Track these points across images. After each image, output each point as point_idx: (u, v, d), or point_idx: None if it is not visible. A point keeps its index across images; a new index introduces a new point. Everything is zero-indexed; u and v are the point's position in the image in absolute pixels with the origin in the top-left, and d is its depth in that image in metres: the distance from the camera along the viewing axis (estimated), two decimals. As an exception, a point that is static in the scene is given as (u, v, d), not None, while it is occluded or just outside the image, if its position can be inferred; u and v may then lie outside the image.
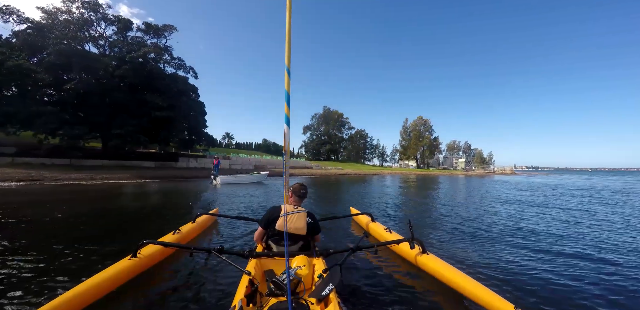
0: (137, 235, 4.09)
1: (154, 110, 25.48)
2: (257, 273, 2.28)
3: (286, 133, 2.23)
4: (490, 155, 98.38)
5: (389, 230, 4.28)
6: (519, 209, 8.77)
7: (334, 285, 1.92)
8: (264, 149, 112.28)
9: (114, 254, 3.54)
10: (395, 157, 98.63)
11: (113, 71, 25.90)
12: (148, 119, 25.45)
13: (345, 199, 11.35)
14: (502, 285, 2.94)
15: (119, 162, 25.57)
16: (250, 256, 2.59)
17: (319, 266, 2.39)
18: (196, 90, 35.37)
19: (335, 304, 1.77)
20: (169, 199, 9.77)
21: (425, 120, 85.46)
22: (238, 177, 18.14)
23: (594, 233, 5.46)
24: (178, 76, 33.71)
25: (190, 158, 30.52)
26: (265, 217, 2.80)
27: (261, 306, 1.87)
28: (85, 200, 9.06)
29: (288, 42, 2.09)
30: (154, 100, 25.73)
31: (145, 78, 28.58)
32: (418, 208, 9.12)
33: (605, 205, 9.86)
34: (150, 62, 30.10)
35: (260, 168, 36.57)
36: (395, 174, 49.25)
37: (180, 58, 34.86)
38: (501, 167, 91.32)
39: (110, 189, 12.62)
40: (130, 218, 6.37)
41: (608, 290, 2.92)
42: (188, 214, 6.38)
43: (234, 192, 12.52)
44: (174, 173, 23.74)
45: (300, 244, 2.81)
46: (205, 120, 33.98)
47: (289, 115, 2.18)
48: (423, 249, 3.11)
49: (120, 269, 2.62)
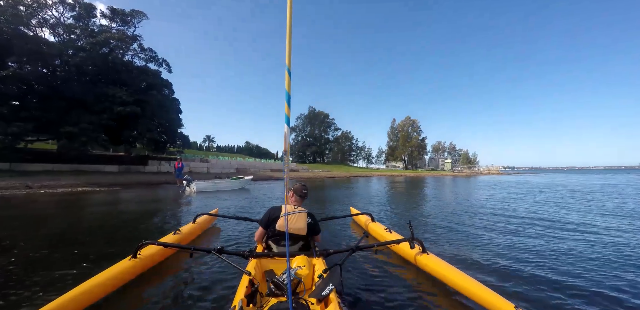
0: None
1: (117, 105, 21.80)
2: (257, 273, 2.27)
3: (286, 133, 2.16)
4: (475, 156, 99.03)
5: (389, 230, 4.26)
6: (519, 208, 8.57)
7: (334, 285, 1.91)
8: (246, 151, 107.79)
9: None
10: (381, 158, 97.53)
11: (69, 60, 22.12)
12: (110, 115, 21.69)
13: (345, 201, 10.43)
14: (503, 285, 2.90)
15: (75, 167, 21.70)
16: (251, 256, 2.57)
17: (319, 266, 2.38)
18: (170, 86, 31.70)
19: (336, 304, 1.76)
20: (110, 219, 6.63)
21: (413, 120, 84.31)
22: (218, 184, 14.94)
23: (597, 233, 5.28)
24: (149, 70, 30.07)
25: (162, 161, 26.70)
26: (266, 217, 2.80)
27: (261, 306, 1.86)
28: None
29: (289, 42, 2.02)
30: (117, 94, 22.06)
31: (108, 69, 24.84)
32: (417, 208, 8.92)
33: (611, 206, 9.01)
34: (116, 52, 26.40)
35: (243, 171, 33.22)
36: (385, 176, 47.18)
37: (152, 49, 31.28)
38: (486, 167, 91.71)
39: (43, 201, 9.29)
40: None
41: (609, 290, 2.84)
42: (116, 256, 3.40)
43: (210, 203, 9.51)
44: (140, 178, 20.19)
45: (300, 244, 2.83)
46: (180, 118, 30.37)
47: (289, 116, 2.11)
48: (423, 248, 3.09)
49: (120, 269, 2.62)
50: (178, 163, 16.80)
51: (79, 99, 21.36)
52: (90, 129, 19.94)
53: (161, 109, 25.94)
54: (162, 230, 5.35)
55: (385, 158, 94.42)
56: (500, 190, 15.77)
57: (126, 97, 22.29)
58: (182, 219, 6.44)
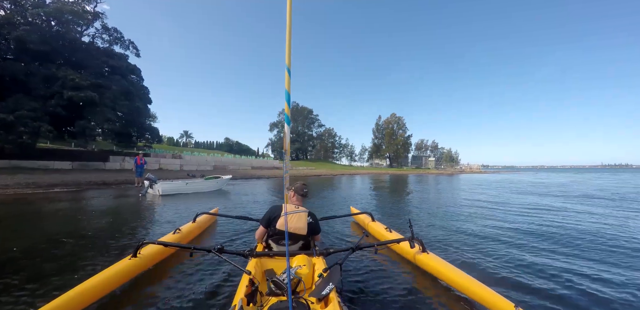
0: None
1: (68, 89, 18.21)
2: (257, 272, 2.26)
3: (286, 133, 2.20)
4: (457, 154, 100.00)
5: (389, 230, 4.22)
6: (518, 208, 8.50)
7: (334, 284, 1.90)
8: (226, 148, 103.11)
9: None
10: (364, 156, 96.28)
11: (7, 33, 18.27)
12: (59, 101, 18.08)
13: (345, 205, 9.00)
14: (503, 284, 2.90)
15: (16, 163, 17.93)
16: (251, 256, 2.54)
17: (319, 265, 2.36)
18: (138, 72, 28.04)
19: (336, 304, 1.75)
20: (21, 241, 3.87)
21: (399, 117, 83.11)
22: (190, 184, 12.09)
23: (598, 232, 5.23)
24: (113, 52, 26.30)
25: (127, 157, 23.13)
26: (267, 216, 2.78)
27: (261, 305, 1.86)
28: None
29: (288, 42, 2.06)
30: (69, 77, 18.45)
31: (61, 48, 21.06)
32: (415, 207, 8.69)
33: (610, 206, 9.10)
34: (72, 29, 22.56)
35: (221, 169, 30.13)
36: (372, 174, 45.30)
37: (118, 30, 27.48)
38: (466, 165, 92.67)
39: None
40: None
41: (609, 289, 2.83)
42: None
43: (174, 213, 6.83)
44: (95, 177, 16.82)
45: (300, 243, 2.80)
46: (148, 108, 26.79)
47: (289, 115, 2.12)
48: (423, 248, 3.08)
49: (120, 269, 2.59)
50: (140, 158, 13.84)
51: (20, 81, 17.65)
52: (31, 118, 16.32)
53: (125, 96, 22.38)
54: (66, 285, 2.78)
55: (369, 156, 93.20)
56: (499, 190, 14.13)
57: (81, 80, 18.73)
58: (124, 251, 3.79)
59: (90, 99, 18.43)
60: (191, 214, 5.65)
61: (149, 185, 10.92)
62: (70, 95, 17.84)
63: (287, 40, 2.00)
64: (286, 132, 2.17)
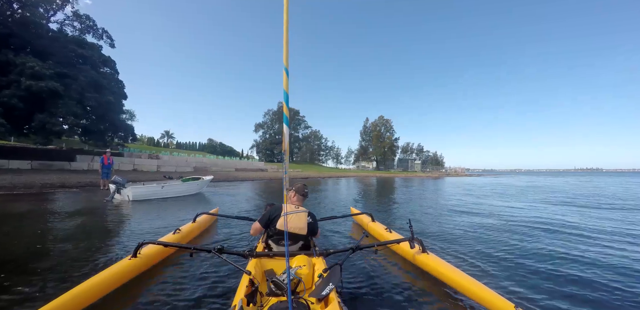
0: None
1: (27, 78, 15.97)
2: (257, 273, 2.23)
3: (285, 133, 2.18)
4: (442, 158, 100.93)
5: (389, 230, 4.19)
6: (518, 207, 8.57)
7: (334, 284, 1.88)
8: (209, 149, 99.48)
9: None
10: (350, 159, 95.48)
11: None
12: (15, 91, 15.81)
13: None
14: (503, 285, 2.85)
15: (-40, 161, 15.57)
16: (251, 256, 2.51)
17: (319, 266, 2.33)
18: (111, 64, 25.73)
19: (336, 304, 1.73)
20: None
21: (387, 120, 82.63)
22: (166, 187, 10.37)
23: (598, 233, 5.23)
24: (84, 41, 23.95)
25: (96, 156, 20.83)
26: (266, 216, 2.75)
27: (261, 306, 1.85)
28: None
29: (286, 42, 2.04)
30: (28, 64, 16.21)
31: (22, 32, 18.70)
32: (414, 208, 8.48)
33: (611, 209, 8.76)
34: (37, 12, 20.19)
35: (202, 171, 28.11)
36: (360, 177, 44.31)
37: (90, 17, 25.11)
38: (451, 168, 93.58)
39: None
40: None
41: (610, 288, 2.81)
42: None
43: (148, 225, 5.27)
44: (56, 179, 14.69)
45: (300, 243, 2.76)
46: (122, 104, 24.51)
47: (288, 116, 2.08)
48: (423, 248, 3.05)
49: (120, 269, 2.54)
50: (108, 157, 11.99)
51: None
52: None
53: (95, 88, 20.17)
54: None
55: (356, 158, 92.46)
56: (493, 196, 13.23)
57: (43, 69, 16.53)
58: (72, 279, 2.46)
59: (52, 90, 16.25)
60: (169, 227, 4.94)
61: (116, 190, 9.15)
62: (28, 85, 15.62)
63: (284, 41, 2.00)
64: (285, 132, 2.19)
